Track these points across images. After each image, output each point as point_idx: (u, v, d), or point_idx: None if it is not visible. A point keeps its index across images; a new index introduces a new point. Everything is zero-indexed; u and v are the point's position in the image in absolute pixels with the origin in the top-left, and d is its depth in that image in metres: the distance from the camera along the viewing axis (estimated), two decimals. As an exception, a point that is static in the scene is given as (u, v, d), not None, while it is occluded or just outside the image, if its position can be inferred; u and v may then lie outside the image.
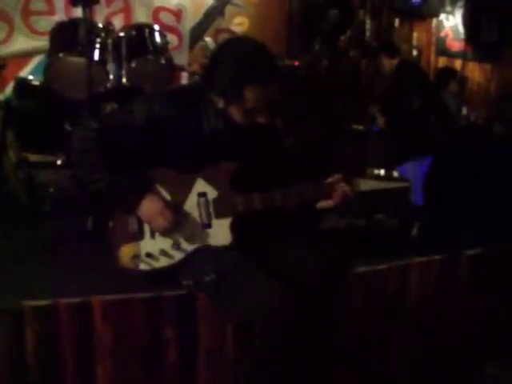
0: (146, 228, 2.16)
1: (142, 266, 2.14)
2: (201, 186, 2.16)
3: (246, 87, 2.02)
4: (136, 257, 2.14)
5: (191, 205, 2.16)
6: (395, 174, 2.16)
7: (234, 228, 2.13)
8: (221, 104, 2.11)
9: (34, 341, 2.05)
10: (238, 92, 2.03)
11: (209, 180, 2.15)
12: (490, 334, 3.00)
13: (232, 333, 2.28)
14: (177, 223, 2.11)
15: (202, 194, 2.15)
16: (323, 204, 2.20)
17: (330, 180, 2.18)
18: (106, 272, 2.25)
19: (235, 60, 2.04)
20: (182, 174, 2.15)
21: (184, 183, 2.16)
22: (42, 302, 2.08)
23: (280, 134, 2.51)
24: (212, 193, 2.15)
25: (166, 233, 2.12)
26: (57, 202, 3.14)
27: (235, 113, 2.10)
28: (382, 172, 2.15)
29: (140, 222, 2.17)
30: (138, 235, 2.16)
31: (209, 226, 2.15)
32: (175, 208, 2.12)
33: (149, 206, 2.08)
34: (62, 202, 3.12)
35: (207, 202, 2.15)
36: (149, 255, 2.13)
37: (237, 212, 2.13)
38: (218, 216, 2.14)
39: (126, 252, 2.16)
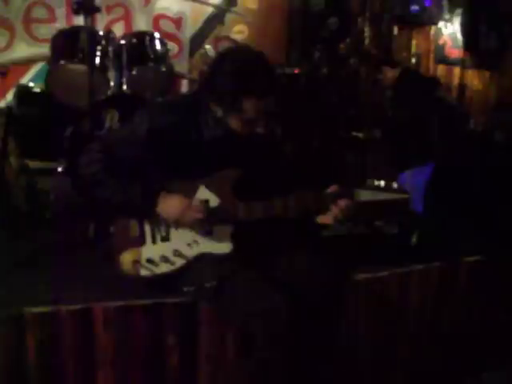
0: (148, 233, 2.17)
1: (143, 272, 2.15)
2: (203, 193, 2.16)
3: (244, 98, 2.02)
4: (137, 262, 2.15)
5: (193, 212, 2.17)
6: (395, 185, 2.16)
7: (235, 235, 2.14)
8: (219, 113, 2.11)
9: (35, 347, 2.06)
10: (236, 103, 2.04)
11: (211, 187, 2.16)
12: (489, 342, 3.00)
13: (233, 340, 2.28)
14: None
15: (204, 202, 2.16)
16: (323, 219, 2.17)
17: (328, 191, 2.14)
18: (107, 279, 2.26)
19: (234, 71, 2.04)
20: (184, 182, 2.16)
21: (186, 191, 2.16)
22: (44, 309, 2.08)
23: (280, 141, 2.52)
24: (214, 200, 2.16)
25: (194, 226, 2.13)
26: (58, 209, 3.14)
27: (234, 122, 2.11)
28: (382, 183, 2.15)
29: (141, 227, 2.18)
30: (139, 241, 2.17)
31: (210, 233, 2.15)
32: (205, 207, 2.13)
33: (173, 204, 2.09)
34: (63, 209, 3.12)
35: (209, 209, 2.16)
36: (149, 261, 2.14)
37: (238, 219, 2.14)
38: (220, 223, 2.15)
39: (126, 257, 2.17)
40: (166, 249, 2.15)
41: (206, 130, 2.17)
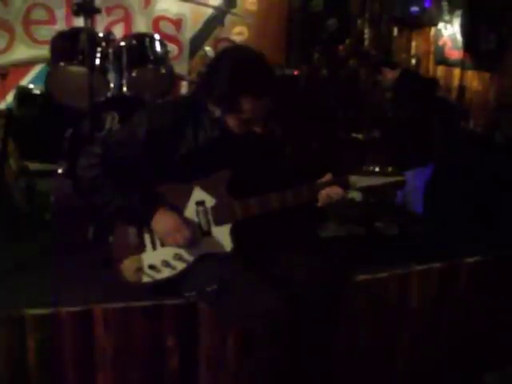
0: (147, 240, 2.17)
1: (146, 279, 2.15)
2: (198, 194, 2.17)
3: (242, 99, 2.03)
4: (139, 270, 2.14)
5: (190, 214, 2.17)
6: (390, 168, 2.17)
7: (233, 234, 2.14)
8: (217, 113, 2.12)
9: (35, 349, 2.06)
10: (234, 103, 2.04)
11: (206, 188, 2.17)
12: (490, 342, 3.00)
13: (233, 342, 2.28)
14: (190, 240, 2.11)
15: (201, 203, 2.16)
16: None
17: (321, 181, 2.18)
18: (107, 280, 2.25)
19: (232, 71, 2.04)
20: (180, 184, 2.16)
21: (182, 193, 2.17)
22: (44, 311, 2.08)
23: (277, 141, 2.53)
24: (210, 201, 2.16)
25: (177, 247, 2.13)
26: (57, 210, 3.14)
27: (232, 122, 2.11)
28: (377, 168, 2.16)
29: (140, 234, 2.18)
30: (139, 247, 2.17)
31: (209, 233, 2.15)
32: (192, 224, 2.13)
33: (164, 221, 2.09)
34: (62, 211, 3.12)
35: (206, 210, 2.16)
36: (151, 267, 2.14)
37: (235, 218, 2.14)
38: (218, 223, 2.15)
39: (128, 265, 2.16)
40: (166, 253, 2.15)
41: (203, 131, 2.17)
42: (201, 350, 2.27)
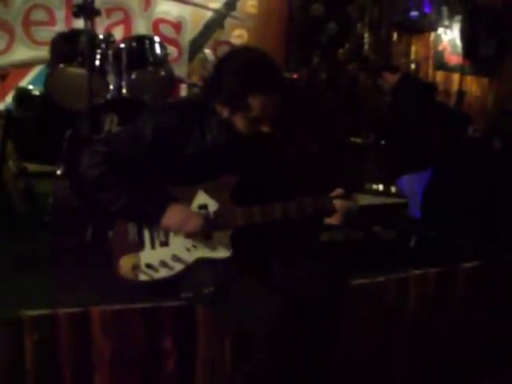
0: (147, 238, 2.17)
1: (142, 277, 2.15)
2: (202, 198, 2.16)
3: (250, 95, 2.02)
4: (136, 267, 2.15)
5: (192, 217, 2.17)
6: (393, 189, 2.17)
7: (234, 240, 2.14)
8: (225, 113, 2.10)
9: (32, 351, 2.05)
10: (242, 100, 2.03)
11: (210, 192, 2.16)
12: (487, 347, 3.00)
13: (230, 345, 2.28)
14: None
15: (203, 207, 2.16)
16: (330, 221, 2.19)
17: (332, 195, 2.18)
18: (105, 282, 2.25)
19: (240, 68, 2.05)
20: (184, 186, 2.16)
21: (185, 195, 2.16)
22: (41, 312, 2.08)
23: (281, 147, 2.53)
24: (213, 205, 2.16)
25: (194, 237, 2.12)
26: (56, 211, 3.14)
27: (239, 122, 2.10)
28: (381, 187, 2.16)
29: (140, 233, 2.18)
30: (138, 246, 2.17)
31: (209, 237, 2.15)
32: (205, 216, 2.13)
33: (175, 213, 2.08)
34: (61, 212, 3.12)
35: (208, 214, 2.16)
36: (149, 266, 2.14)
37: (237, 224, 2.14)
38: (219, 228, 2.15)
39: (126, 262, 2.16)
40: (164, 254, 2.15)
41: (209, 134, 2.16)
42: (198, 351, 2.27)
